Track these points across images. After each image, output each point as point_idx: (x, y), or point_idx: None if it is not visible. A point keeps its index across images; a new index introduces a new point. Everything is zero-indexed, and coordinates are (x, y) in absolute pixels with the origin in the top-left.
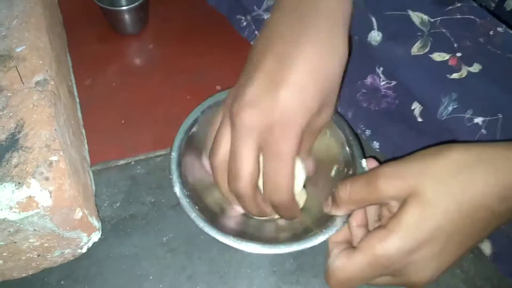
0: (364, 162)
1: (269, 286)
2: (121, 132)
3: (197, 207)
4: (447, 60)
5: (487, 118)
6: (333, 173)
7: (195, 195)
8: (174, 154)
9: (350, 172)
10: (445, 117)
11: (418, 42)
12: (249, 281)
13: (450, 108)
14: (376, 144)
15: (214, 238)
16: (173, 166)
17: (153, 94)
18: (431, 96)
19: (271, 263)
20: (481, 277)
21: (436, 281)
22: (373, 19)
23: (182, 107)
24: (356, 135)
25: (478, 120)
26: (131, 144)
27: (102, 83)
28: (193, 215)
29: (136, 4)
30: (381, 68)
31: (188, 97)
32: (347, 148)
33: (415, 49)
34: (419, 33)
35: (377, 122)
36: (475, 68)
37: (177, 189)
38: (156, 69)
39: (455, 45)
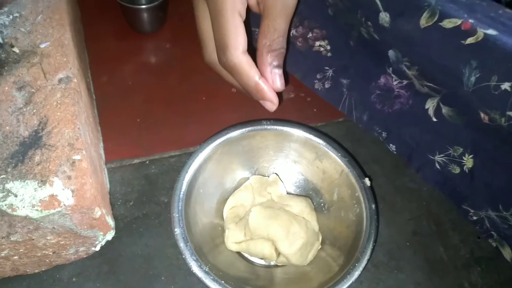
0: (367, 181)
1: None
2: (136, 131)
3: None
4: (459, 25)
5: None
6: (335, 196)
7: (203, 255)
8: (177, 231)
9: (351, 192)
10: (471, 89)
11: (426, 12)
12: None
13: (473, 79)
14: (392, 147)
15: None
16: (181, 244)
17: (169, 94)
18: (451, 69)
19: None
20: None
21: None
22: (378, 1)
23: (198, 108)
24: (352, 156)
25: (506, 86)
26: (146, 143)
27: (118, 81)
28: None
29: (156, 3)
30: (391, 68)
31: (204, 98)
32: (346, 169)
33: (424, 21)
34: (426, 4)
35: (391, 124)
36: (491, 32)
37: (196, 269)
38: (172, 68)
39: (465, 15)
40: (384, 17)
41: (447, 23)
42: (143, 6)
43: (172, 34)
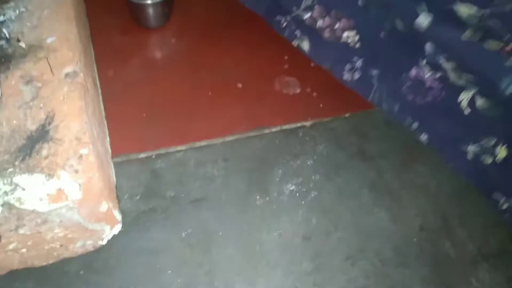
0: None
1: (286, 286)
2: (142, 125)
3: None
4: (501, 48)
5: None
6: None
7: None
8: None
9: None
10: (508, 94)
11: (468, 30)
12: (267, 279)
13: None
14: (424, 136)
15: None
16: None
17: (175, 89)
18: (489, 77)
19: (288, 263)
20: (496, 287)
21: None
22: (424, 3)
23: (204, 103)
24: None
25: None
26: (151, 138)
27: (124, 76)
28: None
29: None
30: (425, 60)
31: (210, 93)
32: None
33: (467, 36)
34: (468, 24)
35: (423, 115)
36: None
37: None
38: (178, 64)
39: (508, 36)
40: (424, 20)
41: (489, 45)
42: (149, 2)
43: (177, 29)
